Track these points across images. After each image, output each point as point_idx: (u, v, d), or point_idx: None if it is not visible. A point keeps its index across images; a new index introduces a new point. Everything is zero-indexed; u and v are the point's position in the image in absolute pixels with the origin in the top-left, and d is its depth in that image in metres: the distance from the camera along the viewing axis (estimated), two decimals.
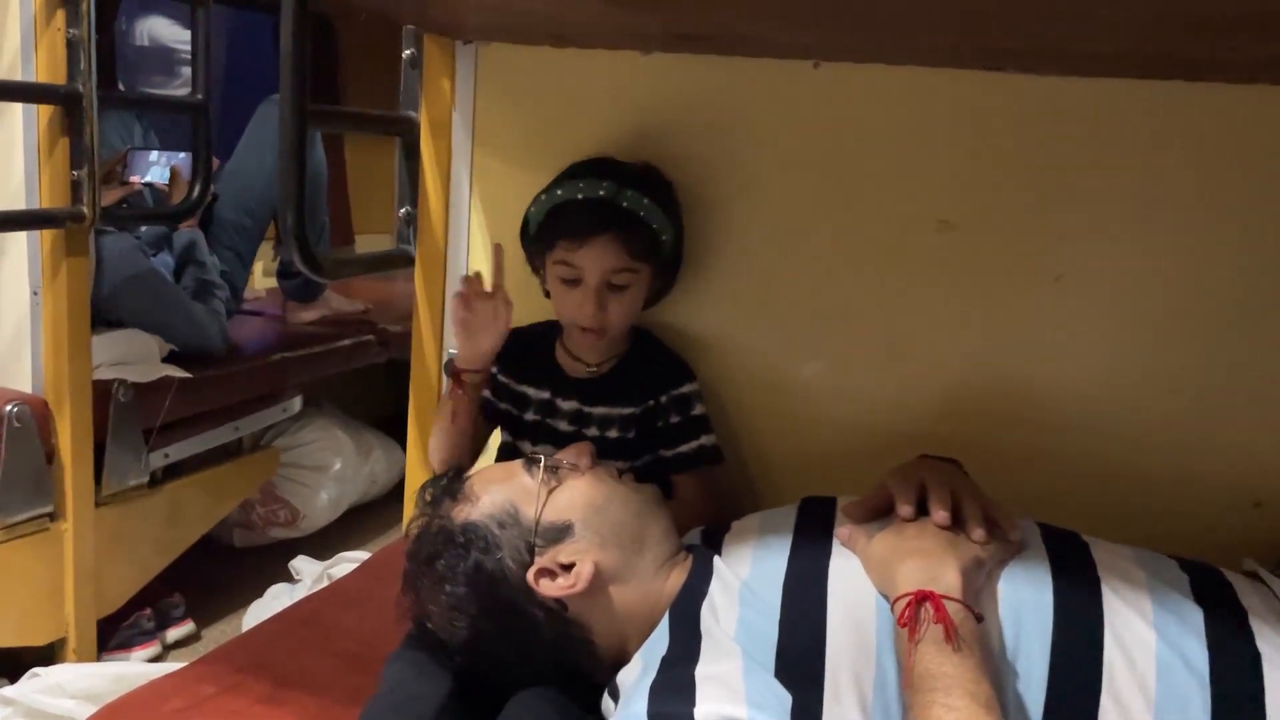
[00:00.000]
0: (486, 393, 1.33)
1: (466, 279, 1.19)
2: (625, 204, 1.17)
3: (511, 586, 0.94)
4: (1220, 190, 1.08)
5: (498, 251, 1.18)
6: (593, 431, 1.25)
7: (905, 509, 0.89)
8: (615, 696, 0.91)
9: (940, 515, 0.87)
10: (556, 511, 0.97)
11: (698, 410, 1.26)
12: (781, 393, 1.30)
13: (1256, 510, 1.12)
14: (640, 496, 1.02)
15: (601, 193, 1.17)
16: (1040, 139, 1.13)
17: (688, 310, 1.32)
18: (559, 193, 1.19)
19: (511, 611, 0.95)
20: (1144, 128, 1.10)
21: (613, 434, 1.24)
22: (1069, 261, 1.14)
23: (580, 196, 1.18)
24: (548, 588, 0.93)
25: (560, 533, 0.96)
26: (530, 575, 0.94)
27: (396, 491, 2.67)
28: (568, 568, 0.94)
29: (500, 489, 0.99)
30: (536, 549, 0.95)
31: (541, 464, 1.00)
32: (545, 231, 1.20)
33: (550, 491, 0.98)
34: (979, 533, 0.86)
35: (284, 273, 2.72)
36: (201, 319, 2.22)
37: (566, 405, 1.26)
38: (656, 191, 1.20)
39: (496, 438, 1.34)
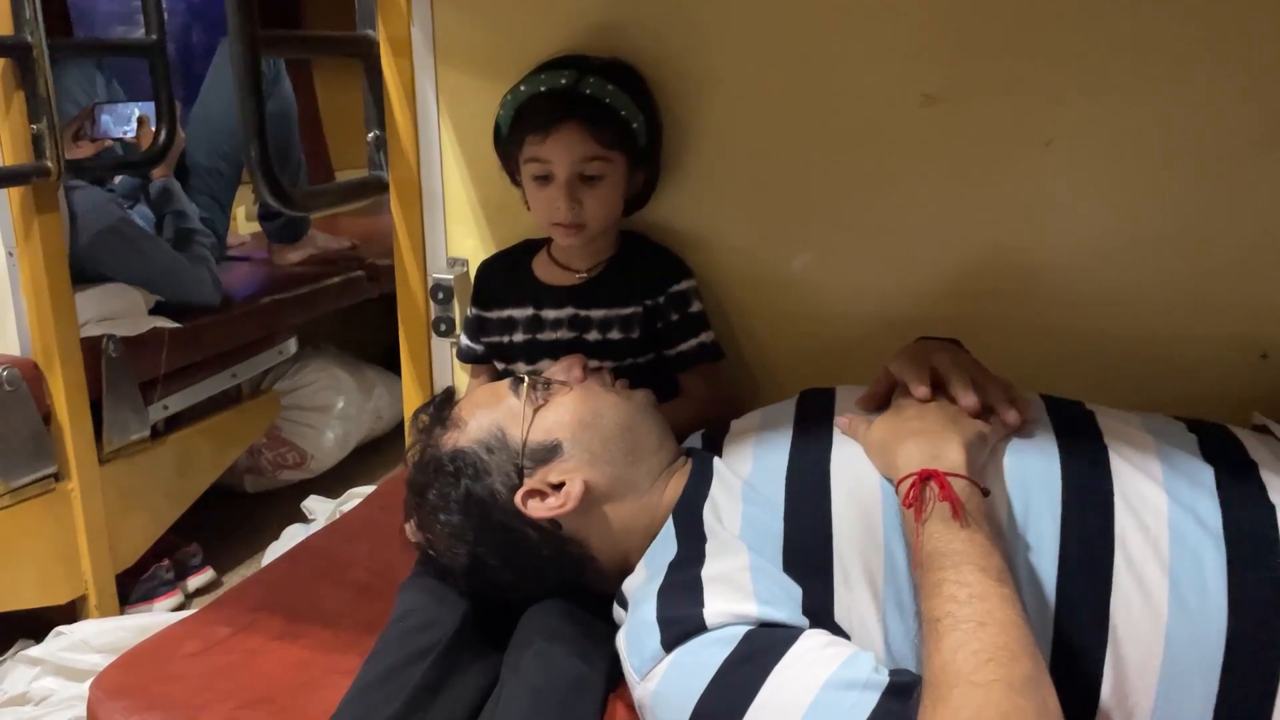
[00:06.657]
0: (465, 340, 1.34)
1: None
2: (588, 91, 1.15)
3: (503, 510, 0.93)
4: (1208, 36, 1.03)
5: None
6: (594, 335, 1.23)
7: (921, 390, 0.87)
8: (624, 605, 0.91)
9: (969, 401, 0.84)
10: (544, 431, 0.95)
11: (695, 307, 1.24)
12: (775, 287, 1.28)
13: (1264, 362, 1.09)
14: (631, 405, 1.00)
15: (563, 82, 1.15)
16: None
17: (672, 209, 1.29)
18: (522, 89, 1.18)
19: (506, 535, 0.94)
20: None
21: (615, 335, 1.23)
22: (1058, 124, 1.09)
23: (543, 89, 1.16)
24: (537, 509, 0.92)
25: (549, 452, 0.94)
26: (519, 498, 0.93)
27: (403, 426, 2.65)
28: (558, 487, 0.93)
29: (487, 412, 0.98)
30: (525, 471, 0.94)
31: (525, 383, 0.99)
32: (513, 131, 1.18)
33: (536, 410, 0.97)
34: (1012, 415, 0.84)
35: (265, 214, 2.66)
36: (187, 270, 2.16)
37: (560, 314, 1.24)
38: (623, 80, 1.18)
39: None
